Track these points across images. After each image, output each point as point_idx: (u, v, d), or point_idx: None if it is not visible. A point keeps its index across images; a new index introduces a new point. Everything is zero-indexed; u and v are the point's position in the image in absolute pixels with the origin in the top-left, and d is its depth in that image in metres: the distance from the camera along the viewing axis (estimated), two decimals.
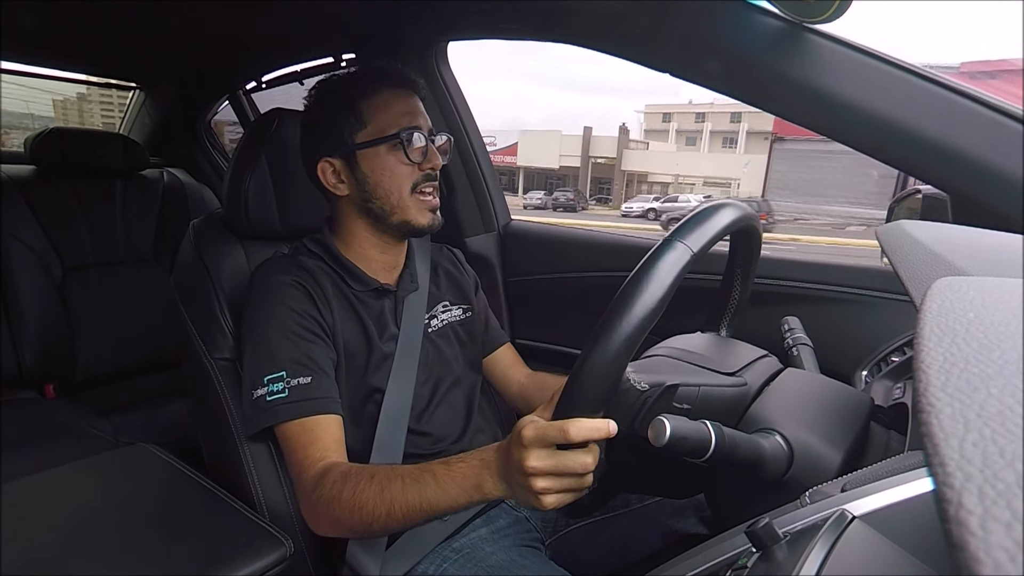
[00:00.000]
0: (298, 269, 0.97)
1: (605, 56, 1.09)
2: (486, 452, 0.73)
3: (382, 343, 1.00)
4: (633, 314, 0.59)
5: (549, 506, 0.66)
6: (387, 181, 0.97)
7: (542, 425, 0.65)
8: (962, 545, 0.14)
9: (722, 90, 0.92)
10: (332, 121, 0.97)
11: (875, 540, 0.43)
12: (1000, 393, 0.19)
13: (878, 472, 0.53)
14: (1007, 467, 0.16)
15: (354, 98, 0.97)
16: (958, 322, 0.26)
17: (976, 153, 0.72)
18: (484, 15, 1.32)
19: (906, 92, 0.77)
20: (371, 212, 0.99)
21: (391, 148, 0.97)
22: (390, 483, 0.77)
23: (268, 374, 0.89)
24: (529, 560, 0.92)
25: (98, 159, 2.04)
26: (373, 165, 0.97)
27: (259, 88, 2.17)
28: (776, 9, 0.81)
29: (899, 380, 0.86)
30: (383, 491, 0.76)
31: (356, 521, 0.78)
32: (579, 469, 0.64)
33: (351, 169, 0.98)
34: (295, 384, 0.89)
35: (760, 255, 0.86)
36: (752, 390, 0.72)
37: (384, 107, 0.97)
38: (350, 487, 0.79)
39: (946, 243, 0.49)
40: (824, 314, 1.21)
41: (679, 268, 0.61)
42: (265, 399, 0.89)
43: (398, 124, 0.96)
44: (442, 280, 1.16)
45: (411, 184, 0.98)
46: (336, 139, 0.97)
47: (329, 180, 0.99)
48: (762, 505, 0.57)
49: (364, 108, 0.96)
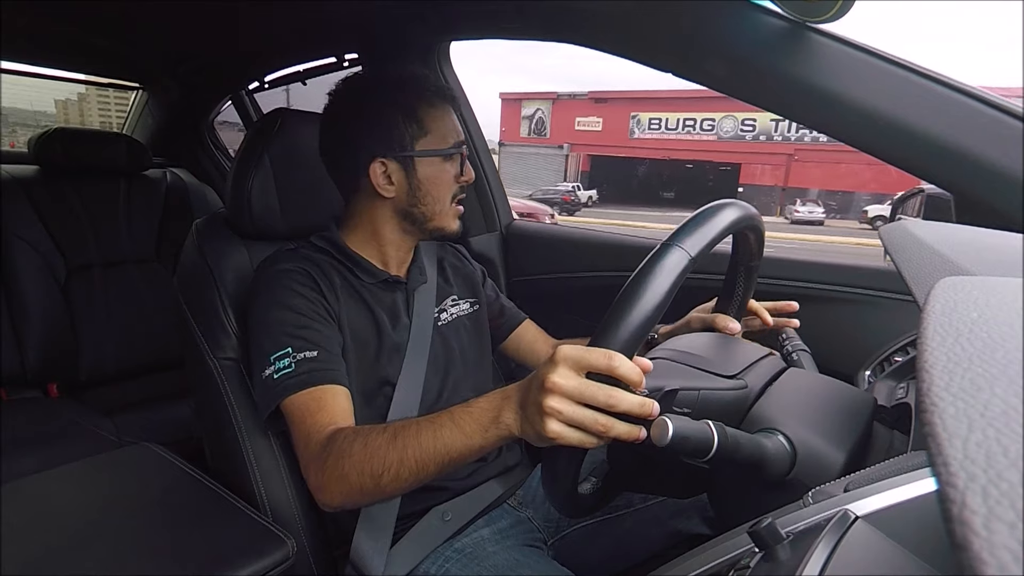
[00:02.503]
0: (303, 259, 0.98)
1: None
2: (508, 387, 0.71)
3: (394, 333, 1.01)
4: (630, 321, 0.59)
5: (549, 433, 0.61)
6: (436, 190, 1.00)
7: (583, 348, 0.61)
8: (966, 545, 0.14)
9: (725, 90, 0.92)
10: (391, 122, 0.97)
11: (878, 540, 0.43)
12: (1004, 393, 0.19)
13: (881, 472, 0.53)
14: (1011, 467, 0.16)
15: (415, 103, 0.98)
16: (962, 322, 0.26)
17: (979, 152, 0.72)
18: (487, 15, 1.32)
19: (909, 91, 0.77)
20: (409, 216, 1.01)
21: (446, 159, 1.00)
22: (404, 429, 0.75)
23: (274, 352, 0.89)
24: (532, 560, 0.93)
25: (101, 159, 2.05)
26: (429, 174, 0.99)
27: (262, 88, 2.18)
28: (779, 9, 0.81)
29: (902, 380, 0.86)
30: (396, 438, 0.75)
31: (366, 475, 0.75)
32: (602, 401, 0.60)
33: (406, 173, 0.98)
34: (301, 358, 0.88)
35: (764, 253, 0.86)
36: (753, 392, 0.72)
37: (442, 119, 0.99)
38: (361, 440, 0.77)
39: (949, 243, 0.49)
40: (827, 314, 1.21)
41: (676, 274, 0.61)
42: (273, 377, 0.88)
43: (453, 137, 1.00)
44: (449, 274, 1.17)
45: (451, 195, 1.02)
46: (395, 141, 0.97)
47: (379, 180, 0.98)
48: (765, 505, 0.57)
49: (425, 116, 0.98)
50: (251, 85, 2.22)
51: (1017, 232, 0.58)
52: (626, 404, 0.60)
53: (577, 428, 0.62)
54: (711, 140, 22.69)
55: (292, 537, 0.88)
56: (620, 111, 26.00)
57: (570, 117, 27.27)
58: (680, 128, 23.98)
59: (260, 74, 2.09)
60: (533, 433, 0.64)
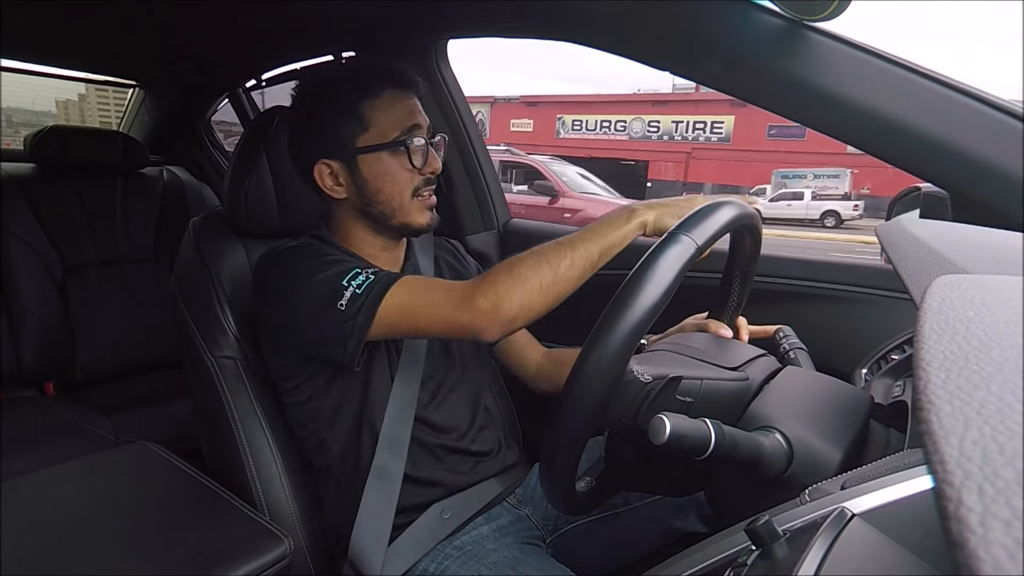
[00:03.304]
0: (310, 242, 0.97)
1: None
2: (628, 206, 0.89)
3: None
4: (637, 306, 0.59)
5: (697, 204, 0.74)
6: (388, 186, 0.95)
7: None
8: (962, 543, 0.14)
9: (723, 88, 0.92)
10: (330, 121, 0.94)
11: (874, 538, 0.43)
12: (1000, 391, 0.19)
13: (878, 470, 0.53)
14: (1007, 465, 0.16)
15: (355, 98, 0.93)
16: (958, 320, 0.26)
17: (976, 151, 0.72)
18: (485, 13, 1.31)
19: (906, 90, 0.77)
20: (369, 215, 0.97)
21: (393, 153, 0.94)
22: (557, 241, 0.85)
23: (343, 279, 0.85)
24: (531, 558, 0.93)
25: (98, 157, 2.04)
26: (374, 170, 0.94)
27: (259, 86, 2.17)
28: (776, 7, 0.81)
29: (899, 378, 0.86)
30: (559, 244, 0.84)
31: (546, 271, 0.81)
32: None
33: (351, 173, 0.95)
34: (373, 270, 0.87)
35: (759, 255, 0.86)
36: (754, 385, 0.72)
37: (386, 109, 0.94)
38: (527, 253, 0.84)
39: (946, 241, 0.49)
40: (824, 312, 1.21)
41: (684, 260, 0.62)
42: (356, 292, 0.84)
43: (400, 128, 0.94)
44: (445, 272, 1.15)
45: (412, 189, 0.96)
46: (335, 141, 0.94)
47: (326, 183, 0.95)
48: (762, 503, 0.57)
49: (366, 110, 0.93)
50: (248, 83, 2.21)
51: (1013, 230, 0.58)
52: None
53: None
54: (624, 140, 24.65)
55: (289, 536, 0.88)
56: (548, 114, 27.24)
57: (506, 119, 28.12)
58: (598, 129, 26.15)
59: (257, 72, 2.08)
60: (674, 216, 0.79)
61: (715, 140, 19.65)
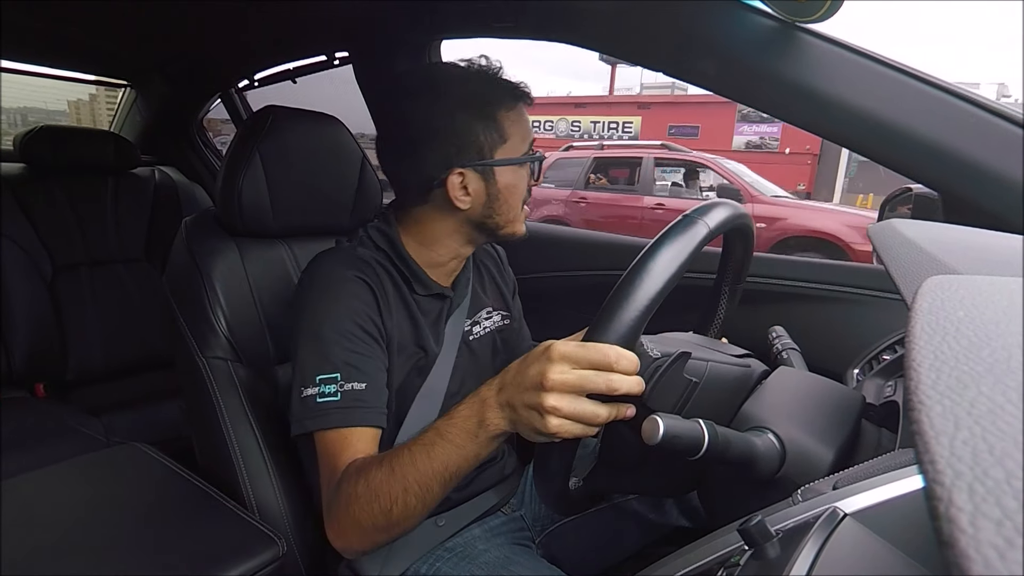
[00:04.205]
0: (361, 264, 0.91)
1: None
2: (480, 389, 0.70)
3: (435, 349, 0.96)
4: (649, 282, 0.60)
5: (552, 429, 0.61)
6: (514, 198, 0.93)
7: (579, 344, 0.61)
8: (952, 542, 0.14)
9: (716, 89, 0.93)
10: (470, 130, 0.88)
11: (866, 537, 0.43)
12: (990, 391, 0.19)
13: (869, 470, 0.53)
14: (996, 464, 0.16)
15: (496, 109, 0.89)
16: (948, 320, 0.26)
17: (966, 152, 0.73)
18: (478, 14, 1.31)
19: (898, 92, 0.77)
20: (482, 226, 0.94)
21: (523, 166, 0.93)
22: (398, 458, 0.73)
23: (322, 374, 0.83)
24: (522, 558, 0.93)
25: (89, 157, 2.03)
26: (508, 183, 0.91)
27: (251, 86, 2.16)
28: (769, 9, 0.81)
29: (890, 378, 0.87)
30: (393, 470, 0.72)
31: (376, 513, 0.72)
32: (603, 388, 0.60)
33: (486, 184, 0.90)
34: (349, 388, 0.82)
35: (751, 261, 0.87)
36: (755, 373, 0.73)
37: (518, 121, 0.92)
38: (363, 480, 0.74)
39: (937, 242, 0.49)
40: (816, 312, 1.22)
41: (699, 238, 0.65)
42: (315, 399, 0.82)
43: (527, 141, 0.93)
44: (486, 282, 1.11)
45: (524, 199, 0.96)
46: (475, 150, 0.89)
47: (457, 192, 0.89)
48: (755, 503, 0.57)
49: (503, 120, 0.90)
50: (240, 83, 2.20)
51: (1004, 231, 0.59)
52: (626, 386, 0.60)
53: (580, 416, 0.61)
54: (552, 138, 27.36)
55: (281, 537, 0.88)
56: None
57: None
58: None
59: (250, 72, 2.08)
60: (530, 430, 0.64)
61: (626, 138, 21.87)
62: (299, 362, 0.85)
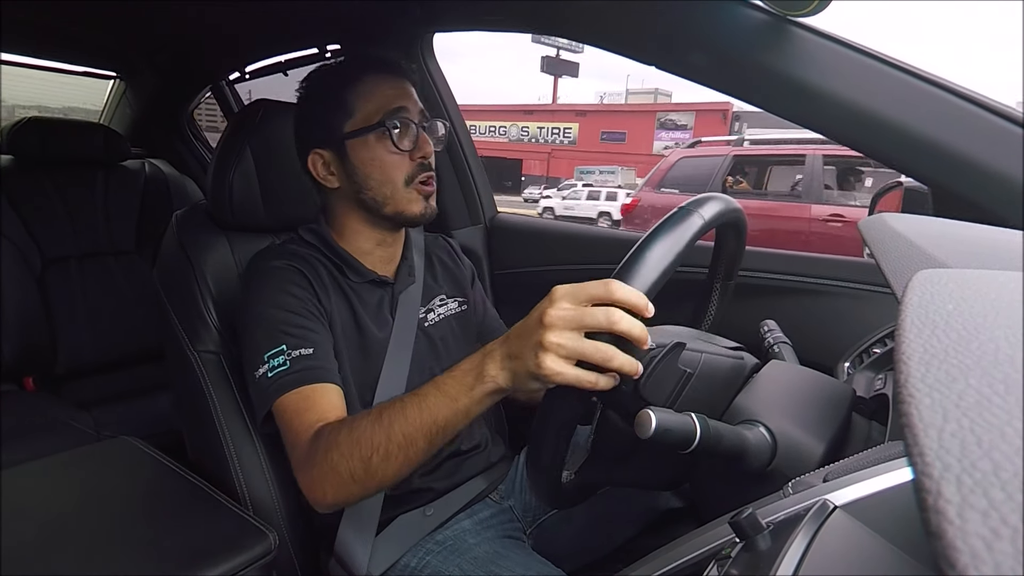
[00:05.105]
0: (293, 256, 0.95)
1: None
2: (490, 344, 0.70)
3: (378, 335, 0.98)
4: (647, 267, 0.62)
5: (546, 371, 0.60)
6: (378, 172, 0.93)
7: (581, 284, 0.62)
8: (940, 533, 0.14)
9: (707, 83, 0.92)
10: (320, 112, 0.95)
11: (856, 529, 0.44)
12: (978, 384, 0.19)
13: (859, 462, 0.54)
14: (984, 456, 0.16)
15: (340, 87, 0.94)
16: (938, 314, 0.26)
17: (958, 147, 0.73)
18: (470, 6, 1.31)
19: (889, 86, 0.77)
20: (363, 204, 0.96)
21: (379, 137, 0.92)
22: (389, 407, 0.74)
23: (269, 350, 0.86)
24: (512, 552, 0.93)
25: (78, 149, 2.01)
26: (362, 156, 0.93)
27: (242, 79, 2.15)
28: (760, 2, 0.81)
29: (880, 371, 0.87)
30: (381, 417, 0.73)
31: (355, 459, 0.72)
32: (603, 322, 0.59)
33: (341, 160, 0.95)
34: (296, 355, 0.85)
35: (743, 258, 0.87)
36: (748, 366, 0.74)
37: (370, 94, 0.93)
38: (346, 428, 0.75)
39: (927, 236, 0.49)
40: (807, 306, 1.22)
41: (696, 228, 0.66)
42: (267, 376, 0.85)
43: (384, 110, 0.92)
44: (438, 271, 1.14)
45: (405, 176, 0.94)
46: (325, 130, 0.94)
47: (320, 172, 0.96)
48: (746, 496, 0.57)
49: (350, 96, 0.93)
50: (231, 76, 2.19)
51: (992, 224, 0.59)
52: (626, 323, 0.59)
53: (576, 365, 0.61)
54: (504, 142, 29.23)
55: (273, 530, 0.88)
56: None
57: None
58: (486, 132, 34.09)
59: (241, 64, 2.06)
60: (526, 374, 0.64)
61: (566, 143, 23.86)
62: (248, 349, 0.89)
